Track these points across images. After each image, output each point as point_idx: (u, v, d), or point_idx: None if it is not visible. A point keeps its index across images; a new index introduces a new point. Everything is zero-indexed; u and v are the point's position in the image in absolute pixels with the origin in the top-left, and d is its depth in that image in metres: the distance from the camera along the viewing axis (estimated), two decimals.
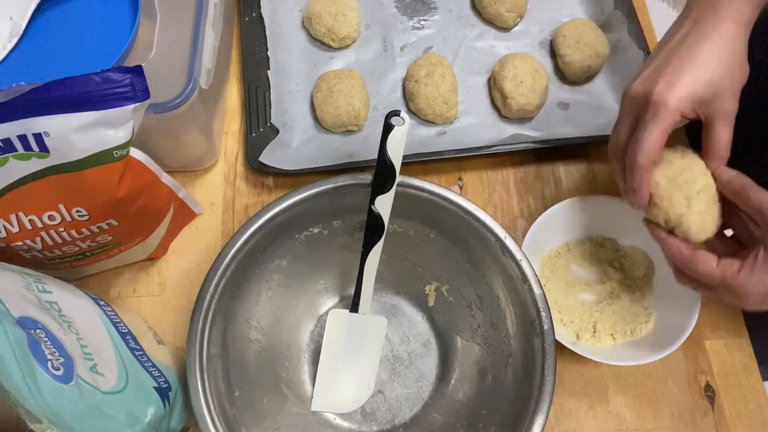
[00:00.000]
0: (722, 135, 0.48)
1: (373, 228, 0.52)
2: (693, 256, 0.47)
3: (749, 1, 0.48)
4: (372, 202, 0.51)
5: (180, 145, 0.62)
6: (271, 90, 0.69)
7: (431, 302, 0.61)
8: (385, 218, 0.52)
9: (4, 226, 0.47)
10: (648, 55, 0.71)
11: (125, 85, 0.44)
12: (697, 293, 0.56)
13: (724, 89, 0.47)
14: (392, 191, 0.51)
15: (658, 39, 0.75)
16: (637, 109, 0.49)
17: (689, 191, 0.48)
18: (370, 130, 0.69)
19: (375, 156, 0.51)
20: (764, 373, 0.62)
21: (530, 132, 0.68)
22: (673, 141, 0.49)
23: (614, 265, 0.63)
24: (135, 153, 0.50)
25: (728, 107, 0.47)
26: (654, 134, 0.47)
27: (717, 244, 0.50)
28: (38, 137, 0.44)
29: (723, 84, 0.47)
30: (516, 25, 0.75)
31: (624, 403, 0.59)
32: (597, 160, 0.69)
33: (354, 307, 0.56)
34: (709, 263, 0.47)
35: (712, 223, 0.48)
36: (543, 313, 0.50)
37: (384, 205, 0.51)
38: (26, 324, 0.42)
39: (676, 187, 0.48)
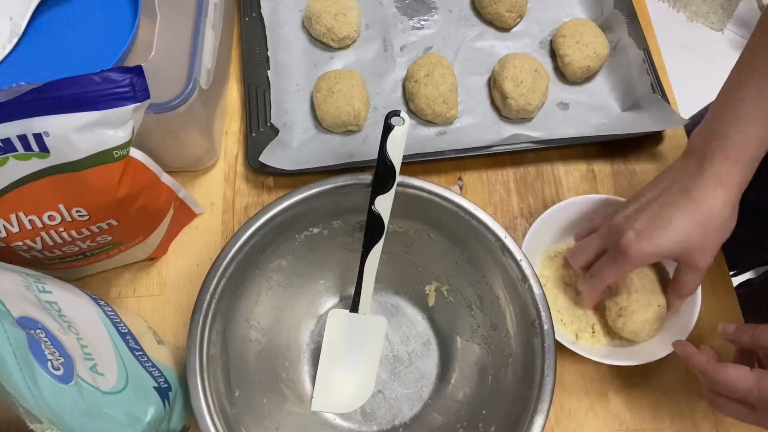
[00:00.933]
0: (688, 282, 0.53)
1: (373, 228, 0.52)
2: (725, 365, 0.47)
3: (737, 163, 0.49)
4: (372, 202, 0.51)
5: (180, 145, 0.62)
6: (271, 90, 0.69)
7: (431, 302, 0.61)
8: (385, 218, 0.52)
9: (4, 226, 0.47)
10: (647, 55, 0.71)
11: (125, 85, 0.44)
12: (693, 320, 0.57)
13: (696, 248, 0.50)
14: (392, 191, 0.51)
15: (658, 39, 0.76)
16: (608, 240, 0.54)
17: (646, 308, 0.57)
18: (370, 130, 0.69)
19: (375, 156, 0.51)
20: None
21: (530, 132, 0.68)
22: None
23: None
24: (135, 153, 0.50)
25: (698, 262, 0.51)
26: (611, 275, 0.54)
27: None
28: (38, 137, 0.44)
29: (694, 243, 0.50)
30: (516, 25, 0.75)
31: (624, 403, 0.59)
32: (597, 160, 0.69)
33: (354, 307, 0.56)
34: (742, 368, 0.46)
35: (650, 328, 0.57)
36: (543, 313, 0.50)
37: (384, 205, 0.51)
38: (26, 324, 0.42)
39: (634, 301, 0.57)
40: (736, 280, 0.89)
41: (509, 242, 0.52)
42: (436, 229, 0.57)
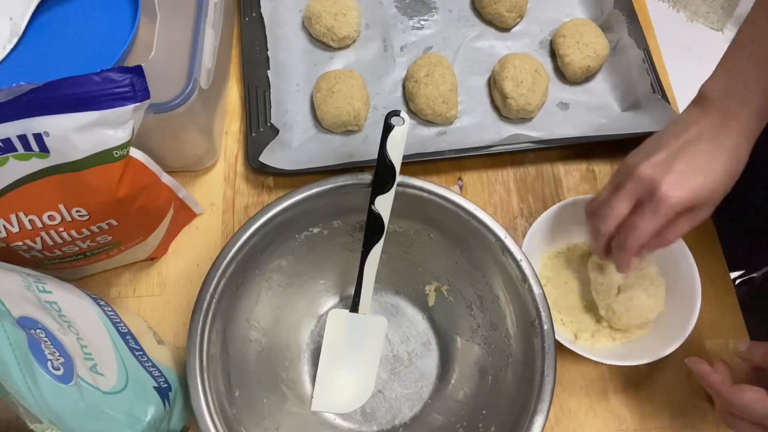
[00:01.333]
0: (683, 229, 0.50)
1: (373, 228, 0.52)
2: (740, 386, 0.47)
3: (761, 117, 0.48)
4: (372, 202, 0.51)
5: (180, 145, 0.62)
6: (271, 90, 0.69)
7: (431, 302, 0.61)
8: (385, 218, 0.52)
9: (4, 226, 0.47)
10: (647, 55, 0.71)
11: (125, 85, 0.44)
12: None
13: (718, 197, 0.49)
14: (392, 191, 0.51)
15: (658, 39, 0.76)
16: (640, 192, 0.50)
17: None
18: (370, 130, 0.69)
19: (375, 156, 0.51)
20: None
21: (530, 132, 0.68)
22: None
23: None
24: (135, 153, 0.50)
25: (708, 210, 0.50)
26: (652, 227, 0.49)
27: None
28: (38, 137, 0.44)
29: (721, 192, 0.49)
30: (516, 25, 0.75)
31: (624, 403, 0.59)
32: (597, 160, 0.69)
33: (354, 307, 0.56)
34: (757, 391, 0.46)
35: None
36: (543, 313, 0.50)
37: (384, 205, 0.51)
38: (26, 324, 0.42)
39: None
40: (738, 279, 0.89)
41: (509, 242, 0.52)
42: (436, 229, 0.57)
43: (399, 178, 0.51)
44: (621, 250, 0.51)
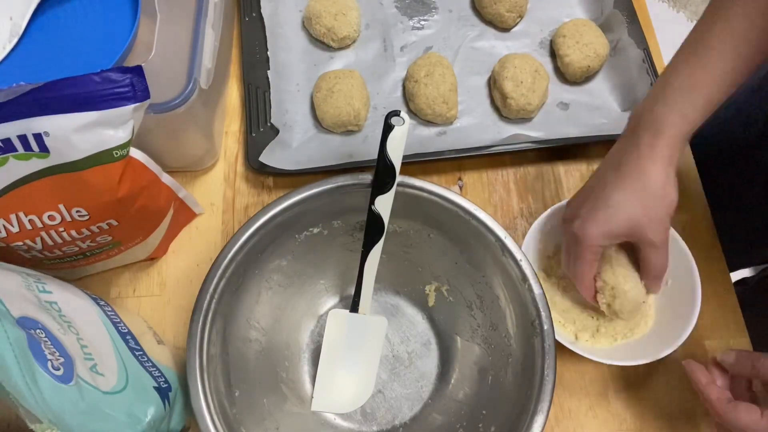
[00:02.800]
0: (651, 260, 0.53)
1: (373, 228, 0.52)
2: (736, 405, 0.47)
3: (664, 137, 0.50)
4: (372, 202, 0.51)
5: (180, 145, 0.62)
6: (271, 90, 0.69)
7: (431, 302, 0.61)
8: (385, 218, 0.52)
9: (4, 226, 0.47)
10: (647, 55, 0.71)
11: (125, 85, 0.44)
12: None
13: (643, 223, 0.51)
14: (392, 191, 0.51)
15: (658, 39, 0.76)
16: (567, 236, 0.55)
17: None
18: (370, 130, 0.69)
19: (375, 156, 0.51)
20: None
21: (530, 132, 0.68)
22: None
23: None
24: (135, 153, 0.50)
25: (651, 237, 0.51)
26: (582, 267, 0.54)
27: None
28: (38, 137, 0.44)
29: (639, 217, 0.51)
30: (516, 25, 0.75)
31: (624, 403, 0.59)
32: (597, 160, 0.69)
33: (354, 307, 0.56)
34: (753, 412, 0.46)
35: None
36: (543, 313, 0.50)
37: (384, 205, 0.51)
38: (26, 324, 0.42)
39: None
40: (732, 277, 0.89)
41: (509, 242, 0.52)
42: (436, 229, 0.57)
43: (399, 178, 0.51)
44: (577, 284, 0.56)
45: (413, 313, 0.62)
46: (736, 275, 0.89)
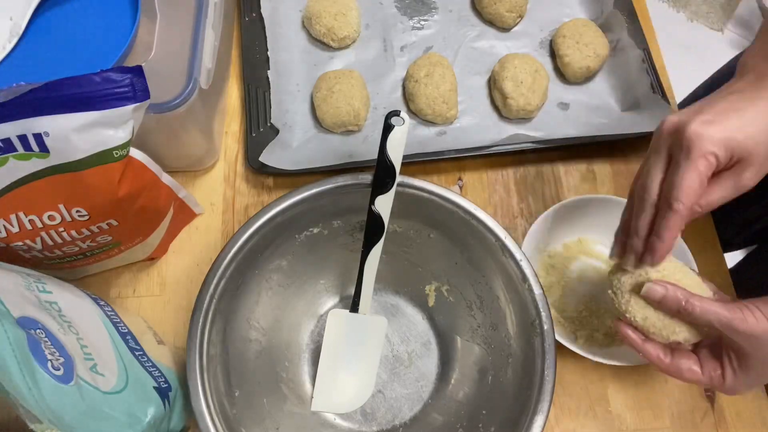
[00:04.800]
0: (723, 191, 0.44)
1: (373, 228, 0.52)
2: (676, 365, 0.47)
3: None
4: (372, 202, 0.51)
5: (180, 145, 0.62)
6: (271, 90, 0.69)
7: (431, 302, 0.61)
8: (385, 218, 0.52)
9: (4, 226, 0.47)
10: (647, 55, 0.71)
11: (125, 85, 0.44)
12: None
13: (759, 152, 0.42)
14: (392, 191, 0.51)
15: (658, 39, 0.76)
16: (669, 145, 0.44)
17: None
18: (370, 130, 0.69)
19: (375, 156, 0.51)
20: None
21: (530, 132, 0.68)
22: None
23: None
24: (135, 153, 0.50)
25: (751, 170, 0.42)
26: (690, 177, 0.41)
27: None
28: (38, 137, 0.44)
29: (761, 144, 0.42)
30: (516, 25, 0.75)
31: (624, 403, 0.59)
32: (597, 160, 0.69)
33: (354, 307, 0.56)
34: (695, 372, 0.46)
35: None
36: (543, 313, 0.50)
37: (384, 205, 0.51)
38: (26, 324, 0.42)
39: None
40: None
41: (509, 242, 0.52)
42: (436, 229, 0.57)
43: (399, 178, 0.51)
44: (663, 217, 0.43)
45: (413, 313, 0.62)
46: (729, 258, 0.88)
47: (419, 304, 0.62)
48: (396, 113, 0.50)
